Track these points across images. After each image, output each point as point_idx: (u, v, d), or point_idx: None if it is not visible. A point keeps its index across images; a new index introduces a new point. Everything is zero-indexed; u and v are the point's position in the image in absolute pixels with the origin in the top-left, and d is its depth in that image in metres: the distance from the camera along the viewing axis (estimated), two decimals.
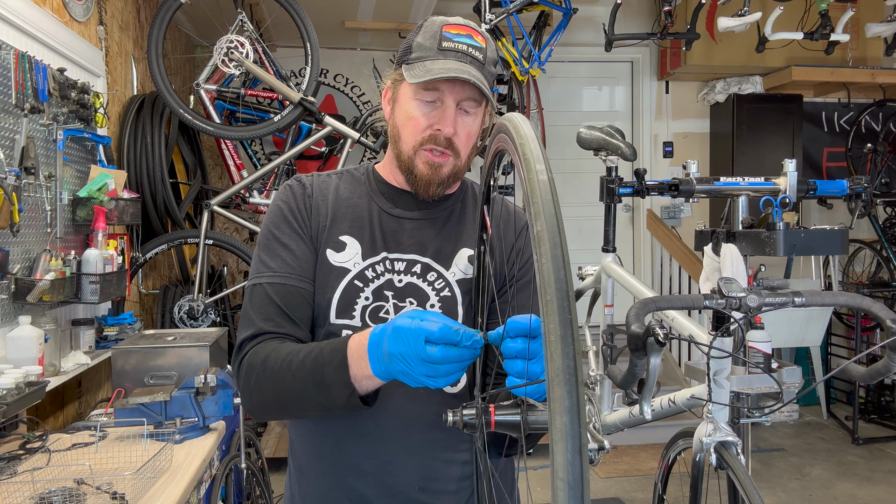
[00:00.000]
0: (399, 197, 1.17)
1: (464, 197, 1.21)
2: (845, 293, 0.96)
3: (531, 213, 0.57)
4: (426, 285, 1.12)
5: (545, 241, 0.54)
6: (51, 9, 2.51)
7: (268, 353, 1.03)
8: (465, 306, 1.11)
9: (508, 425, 0.86)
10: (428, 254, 1.13)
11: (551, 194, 0.58)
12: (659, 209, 5.59)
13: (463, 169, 1.14)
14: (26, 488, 1.57)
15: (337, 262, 1.10)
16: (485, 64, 1.07)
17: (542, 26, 4.50)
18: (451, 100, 1.07)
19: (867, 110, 5.62)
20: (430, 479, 1.09)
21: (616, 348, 1.24)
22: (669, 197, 1.39)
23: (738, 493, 0.99)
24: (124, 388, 2.33)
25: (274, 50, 4.10)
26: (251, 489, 2.63)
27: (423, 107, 1.08)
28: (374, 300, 1.09)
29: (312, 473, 1.13)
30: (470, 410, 0.88)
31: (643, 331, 0.85)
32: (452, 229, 1.17)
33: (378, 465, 1.08)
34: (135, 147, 3.21)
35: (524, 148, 0.64)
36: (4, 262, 2.05)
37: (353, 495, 1.09)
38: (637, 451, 4.41)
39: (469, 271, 1.12)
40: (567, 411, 0.48)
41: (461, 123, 1.09)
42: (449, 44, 1.05)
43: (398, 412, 1.08)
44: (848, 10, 3.96)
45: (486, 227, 0.99)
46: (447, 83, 1.05)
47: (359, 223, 1.13)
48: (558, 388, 0.49)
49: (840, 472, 4.15)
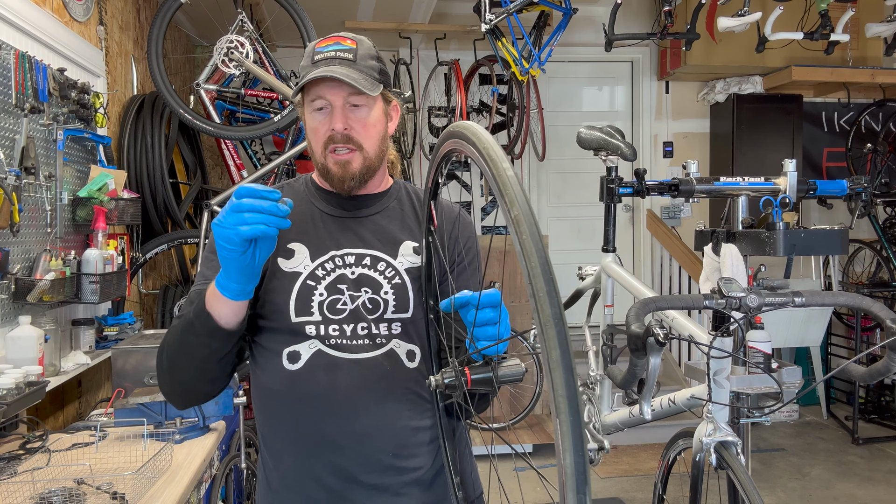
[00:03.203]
0: (337, 199, 1.28)
1: (398, 195, 1.32)
2: (845, 293, 0.96)
3: (507, 202, 0.70)
4: (377, 274, 1.22)
5: (522, 222, 0.68)
6: (51, 9, 2.51)
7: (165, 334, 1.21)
8: (414, 291, 1.23)
9: (483, 381, 0.98)
10: (374, 247, 1.24)
11: (520, 185, 0.71)
12: (659, 209, 5.59)
13: (375, 161, 1.24)
14: (26, 488, 1.57)
15: (288, 268, 1.21)
16: (356, 60, 1.18)
17: (542, 26, 4.50)
18: (334, 100, 1.18)
19: (867, 110, 5.62)
20: (402, 445, 1.20)
21: (616, 348, 1.24)
22: (669, 197, 1.39)
23: (737, 493, 0.99)
24: (124, 388, 2.33)
25: (274, 50, 4.10)
26: (251, 489, 2.63)
27: (317, 116, 1.20)
28: (329, 294, 1.20)
29: (291, 455, 1.22)
30: (449, 375, 0.99)
31: (643, 331, 0.85)
32: (392, 223, 1.28)
33: (355, 438, 1.18)
34: (135, 147, 3.21)
35: (489, 151, 0.76)
36: (4, 262, 2.05)
37: (333, 468, 1.19)
38: (637, 451, 4.41)
39: (416, 261, 1.24)
40: (558, 345, 0.62)
41: (353, 118, 1.19)
42: (319, 56, 1.18)
43: (369, 389, 1.18)
44: (848, 10, 3.96)
45: (432, 219, 1.10)
46: (325, 88, 1.17)
47: (303, 228, 1.24)
48: (551, 329, 0.62)
49: (840, 472, 4.15)
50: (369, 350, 1.19)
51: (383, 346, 1.20)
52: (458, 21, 5.17)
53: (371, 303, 1.20)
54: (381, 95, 1.22)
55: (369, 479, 1.19)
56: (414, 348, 1.22)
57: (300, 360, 1.18)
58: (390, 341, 1.20)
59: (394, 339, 1.21)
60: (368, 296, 1.20)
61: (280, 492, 1.23)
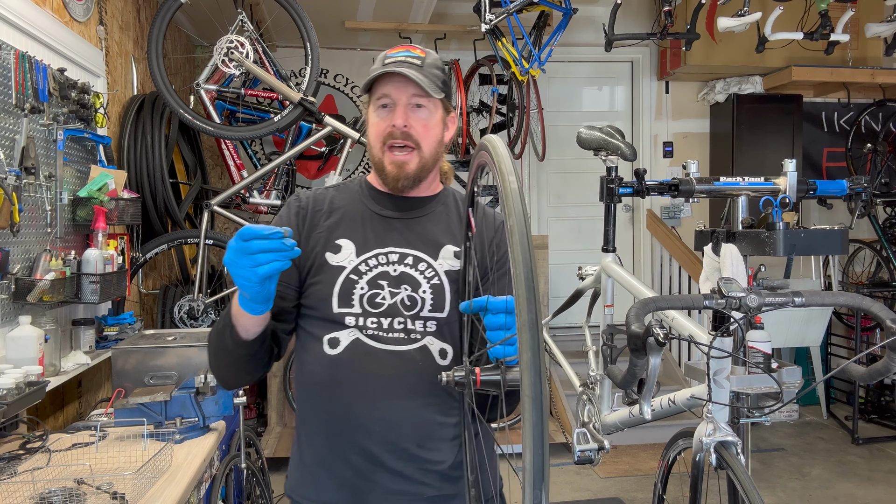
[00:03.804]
0: (387, 199, 1.36)
1: (446, 200, 1.39)
2: (845, 293, 0.96)
3: (506, 212, 0.77)
4: (418, 274, 1.29)
5: (515, 232, 0.74)
6: (51, 9, 2.51)
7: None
8: (452, 293, 1.29)
9: (491, 383, 1.05)
10: (417, 247, 1.32)
11: (520, 198, 0.78)
12: (659, 209, 5.59)
13: (430, 163, 1.32)
14: (26, 488, 1.57)
15: (334, 262, 1.30)
16: (423, 66, 1.28)
17: (542, 26, 4.50)
18: (399, 97, 1.27)
19: (867, 110, 5.62)
20: (427, 437, 1.27)
21: (616, 348, 1.24)
22: (669, 197, 1.39)
23: (737, 493, 0.99)
24: (124, 388, 2.33)
25: (274, 50, 4.10)
26: (251, 489, 2.63)
27: (379, 112, 1.29)
28: (370, 289, 1.28)
29: (324, 434, 1.30)
30: (460, 372, 1.07)
31: (643, 331, 0.86)
32: (437, 227, 1.35)
33: (384, 425, 1.25)
34: (135, 147, 3.21)
35: (500, 164, 0.84)
36: (4, 262, 2.05)
37: (360, 450, 1.27)
38: (637, 451, 4.41)
39: (456, 264, 1.30)
40: (530, 349, 0.68)
41: (414, 117, 1.28)
42: (389, 60, 1.28)
43: (400, 381, 1.26)
44: (848, 10, 3.96)
45: (471, 226, 1.17)
46: (391, 86, 1.27)
47: (353, 226, 1.33)
48: (525, 333, 0.69)
49: (840, 471, 4.15)
50: (404, 344, 1.27)
51: (417, 341, 1.27)
52: (458, 21, 5.17)
53: (409, 300, 1.27)
54: (441, 103, 1.31)
55: (394, 464, 1.26)
56: (447, 347, 1.29)
57: (339, 346, 1.27)
58: (424, 338, 1.27)
59: (428, 336, 1.27)
60: (407, 293, 1.28)
61: (312, 467, 1.31)
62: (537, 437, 0.66)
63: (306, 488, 1.32)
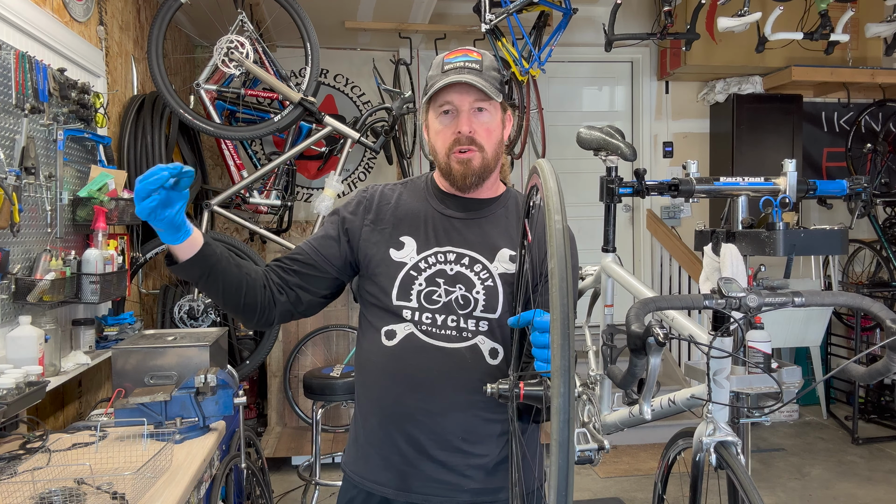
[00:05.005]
0: (451, 200, 1.42)
1: (507, 204, 1.44)
2: (845, 293, 0.96)
3: (549, 252, 0.78)
4: (473, 274, 1.35)
5: (556, 275, 0.75)
6: (51, 9, 2.51)
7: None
8: (505, 295, 1.34)
9: (533, 397, 1.10)
10: (474, 248, 1.37)
11: (563, 239, 0.79)
12: (659, 209, 5.59)
13: (492, 162, 1.36)
14: (26, 488, 1.57)
15: (397, 257, 1.38)
16: (482, 70, 1.31)
17: (542, 26, 4.49)
18: (461, 104, 1.31)
19: (867, 110, 5.62)
20: (471, 432, 1.33)
21: (616, 348, 1.24)
22: (669, 197, 1.39)
23: (737, 493, 0.99)
24: (124, 388, 2.33)
25: (274, 50, 4.10)
26: (251, 489, 2.63)
27: (443, 119, 1.34)
28: (427, 285, 1.35)
29: (377, 417, 1.38)
30: (504, 384, 1.13)
31: (643, 331, 0.86)
32: (496, 229, 1.40)
33: (430, 416, 1.32)
34: (135, 147, 3.21)
35: (549, 200, 0.84)
36: (4, 262, 2.05)
37: (408, 438, 1.34)
38: (637, 451, 4.41)
39: (510, 268, 1.35)
40: (560, 395, 0.70)
41: (477, 122, 1.33)
42: (448, 66, 1.33)
43: (450, 376, 1.32)
44: (848, 10, 3.96)
45: (527, 235, 1.21)
46: (453, 93, 1.31)
47: (416, 224, 1.40)
48: (557, 379, 0.71)
49: (840, 471, 4.15)
50: (456, 341, 1.32)
51: (469, 340, 1.32)
52: (458, 21, 5.16)
53: (463, 299, 1.33)
54: (500, 105, 1.36)
55: (438, 455, 1.33)
56: (497, 347, 1.34)
57: (395, 338, 1.34)
58: (476, 337, 1.32)
59: (479, 336, 1.33)
60: (461, 292, 1.34)
61: (365, 447, 1.40)
62: (562, 481, 0.69)
63: (358, 465, 1.41)
